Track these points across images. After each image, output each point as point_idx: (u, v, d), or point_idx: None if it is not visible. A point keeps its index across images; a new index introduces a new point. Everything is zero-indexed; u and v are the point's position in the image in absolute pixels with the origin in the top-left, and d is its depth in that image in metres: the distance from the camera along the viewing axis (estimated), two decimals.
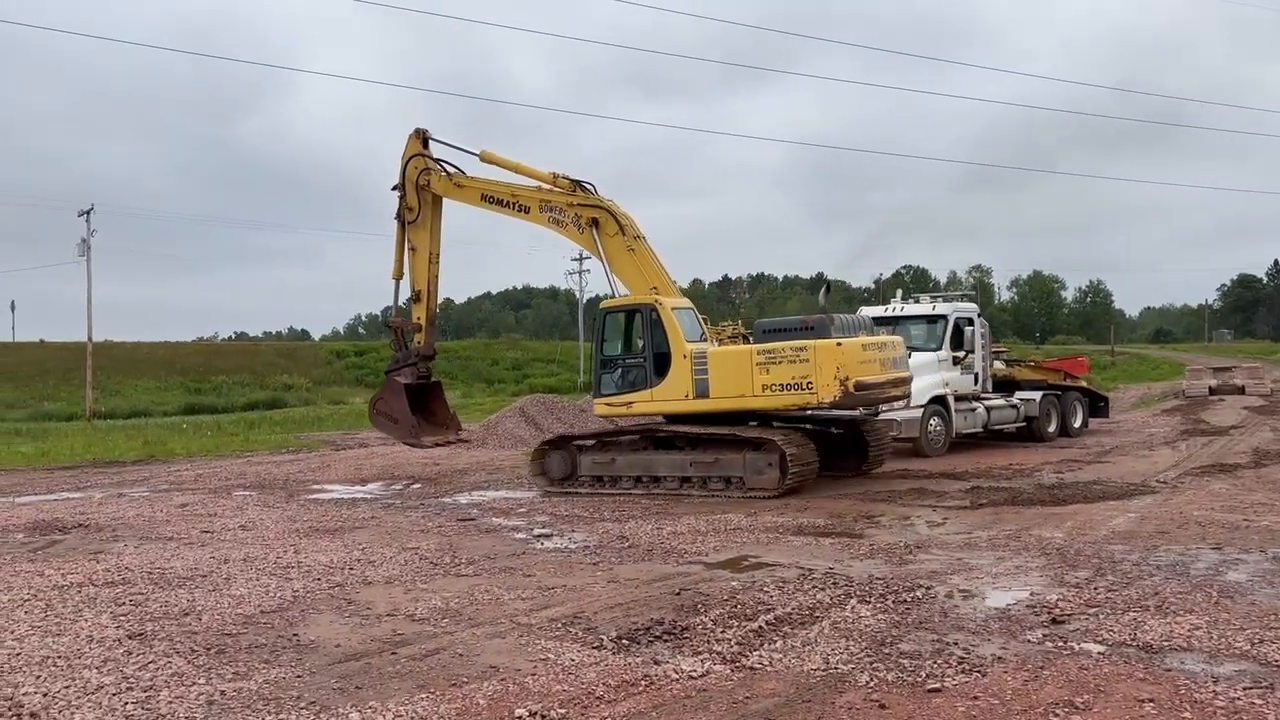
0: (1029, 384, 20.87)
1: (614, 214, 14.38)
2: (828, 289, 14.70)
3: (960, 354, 18.45)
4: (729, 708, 4.95)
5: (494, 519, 11.86)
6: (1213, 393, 32.88)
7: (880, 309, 19.87)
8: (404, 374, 15.93)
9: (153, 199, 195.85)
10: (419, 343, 15.93)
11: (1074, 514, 10.85)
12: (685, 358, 13.43)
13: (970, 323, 18.75)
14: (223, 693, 5.38)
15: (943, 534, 9.92)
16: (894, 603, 6.98)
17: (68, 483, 17.37)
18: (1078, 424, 21.21)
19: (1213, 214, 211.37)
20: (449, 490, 15.01)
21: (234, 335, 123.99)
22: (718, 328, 15.57)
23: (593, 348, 14.31)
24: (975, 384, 18.93)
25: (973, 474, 14.72)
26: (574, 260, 70.04)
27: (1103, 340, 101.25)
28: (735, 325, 15.95)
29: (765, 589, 7.50)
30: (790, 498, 12.71)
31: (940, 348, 18.27)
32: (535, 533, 10.75)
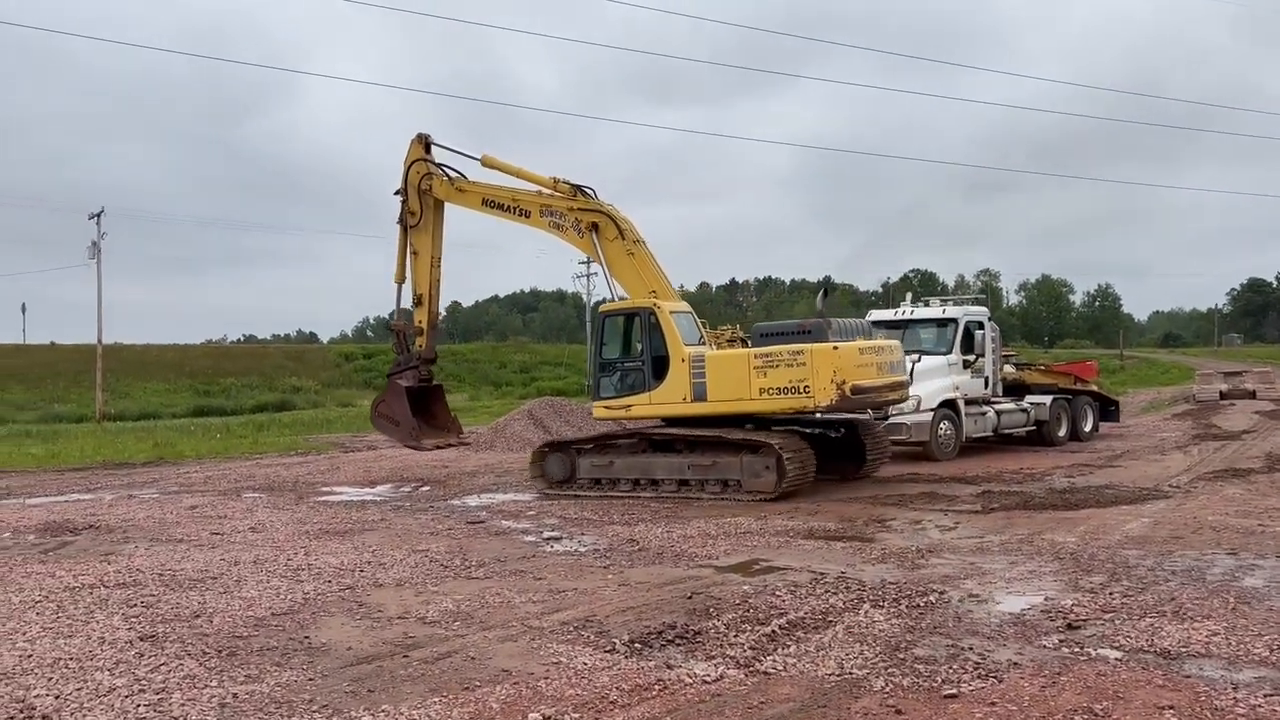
0: (1039, 388, 20.75)
1: (614, 218, 14.44)
2: (825, 293, 14.76)
3: (970, 358, 18.39)
4: (744, 713, 4.92)
5: (503, 521, 11.84)
6: (1223, 397, 32.74)
7: (890, 312, 19.85)
8: (405, 377, 16.02)
9: (162, 202, 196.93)
10: (421, 346, 16.01)
11: (1086, 519, 10.78)
12: (683, 361, 13.47)
13: (981, 326, 18.67)
14: (235, 695, 5.36)
15: (954, 538, 9.87)
16: (907, 607, 6.94)
17: (78, 484, 17.41)
18: (1088, 428, 21.09)
19: (1222, 218, 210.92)
20: (458, 493, 15.01)
21: (242, 338, 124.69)
22: (716, 331, 15.57)
23: (591, 351, 14.32)
24: (985, 388, 18.85)
25: (983, 478, 14.67)
26: (581, 264, 69.73)
27: (1111, 344, 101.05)
28: (733, 329, 15.95)
29: (777, 593, 7.46)
30: (800, 501, 12.68)
31: (950, 351, 18.20)
32: (545, 535, 10.73)
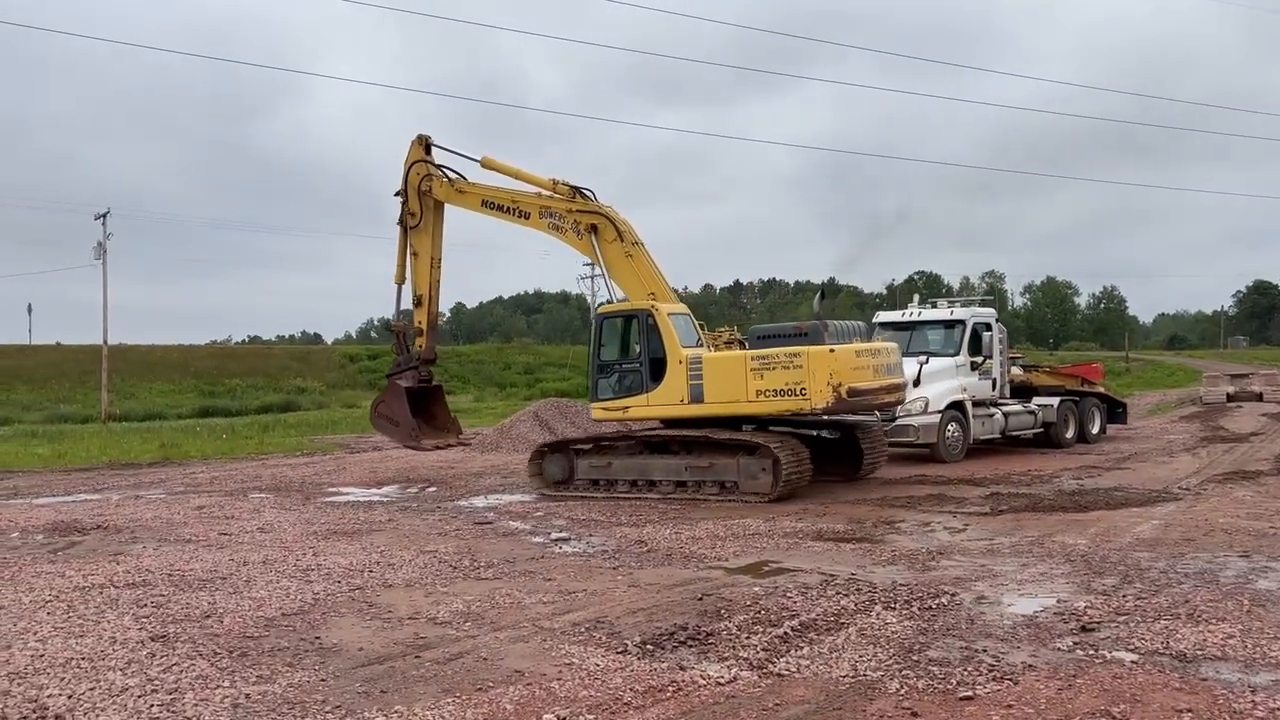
0: (1046, 389, 20.69)
1: (612, 220, 14.46)
2: (822, 295, 14.80)
3: (978, 359, 18.34)
4: (759, 714, 4.90)
5: (510, 522, 11.83)
6: (1230, 399, 32.67)
7: (898, 314, 19.80)
8: (405, 377, 16.05)
9: (167, 202, 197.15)
10: (420, 346, 16.02)
11: (1096, 520, 10.74)
12: (681, 363, 13.49)
13: (988, 328, 18.63)
14: (247, 695, 5.35)
15: (964, 540, 9.84)
16: (919, 609, 6.91)
17: (84, 484, 17.41)
18: (1096, 430, 21.01)
19: (1228, 220, 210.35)
20: (464, 493, 14.99)
21: (247, 338, 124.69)
22: (714, 333, 15.56)
23: (590, 352, 14.40)
24: (993, 389, 18.80)
25: (991, 480, 14.63)
26: (585, 265, 69.51)
27: (1116, 346, 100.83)
28: (731, 331, 15.95)
29: (788, 594, 7.44)
30: (808, 503, 12.66)
31: (958, 353, 18.14)
32: (553, 536, 10.72)
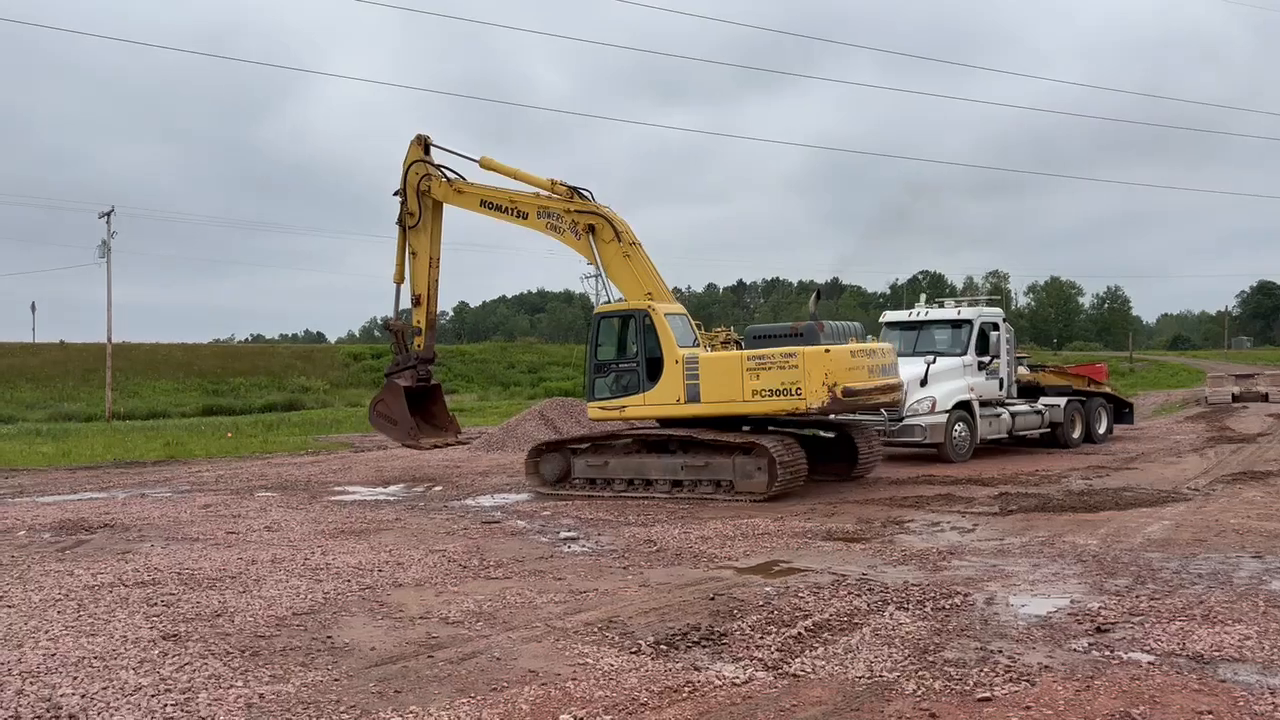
0: (1053, 389, 20.66)
1: (610, 220, 14.48)
2: (818, 295, 14.84)
3: (985, 359, 18.31)
4: (776, 715, 4.87)
5: (518, 521, 11.80)
6: (1235, 399, 32.61)
7: (905, 313, 19.76)
8: (403, 376, 16.08)
9: (171, 201, 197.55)
10: (419, 346, 16.03)
11: (1106, 521, 10.71)
12: (677, 363, 13.52)
13: (995, 327, 18.59)
14: (261, 695, 5.33)
15: (974, 540, 9.80)
16: (932, 609, 6.88)
17: (90, 483, 17.42)
18: (1102, 430, 20.99)
19: (1232, 220, 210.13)
20: (471, 492, 14.97)
21: (250, 337, 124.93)
22: (710, 333, 15.57)
23: (587, 352, 14.43)
24: (1000, 389, 18.77)
25: (1000, 480, 14.60)
26: (588, 265, 69.80)
27: (1120, 347, 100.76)
28: (727, 331, 15.95)
29: (800, 595, 7.41)
30: (817, 502, 12.64)
31: (965, 353, 18.12)
32: (561, 535, 10.69)
